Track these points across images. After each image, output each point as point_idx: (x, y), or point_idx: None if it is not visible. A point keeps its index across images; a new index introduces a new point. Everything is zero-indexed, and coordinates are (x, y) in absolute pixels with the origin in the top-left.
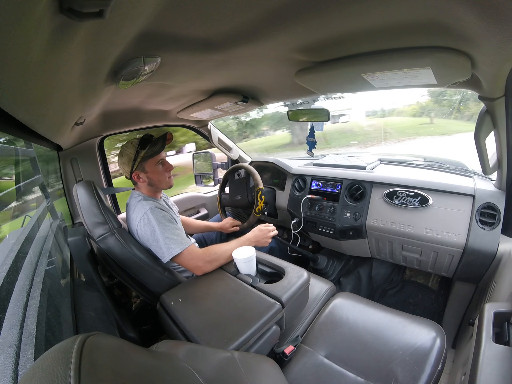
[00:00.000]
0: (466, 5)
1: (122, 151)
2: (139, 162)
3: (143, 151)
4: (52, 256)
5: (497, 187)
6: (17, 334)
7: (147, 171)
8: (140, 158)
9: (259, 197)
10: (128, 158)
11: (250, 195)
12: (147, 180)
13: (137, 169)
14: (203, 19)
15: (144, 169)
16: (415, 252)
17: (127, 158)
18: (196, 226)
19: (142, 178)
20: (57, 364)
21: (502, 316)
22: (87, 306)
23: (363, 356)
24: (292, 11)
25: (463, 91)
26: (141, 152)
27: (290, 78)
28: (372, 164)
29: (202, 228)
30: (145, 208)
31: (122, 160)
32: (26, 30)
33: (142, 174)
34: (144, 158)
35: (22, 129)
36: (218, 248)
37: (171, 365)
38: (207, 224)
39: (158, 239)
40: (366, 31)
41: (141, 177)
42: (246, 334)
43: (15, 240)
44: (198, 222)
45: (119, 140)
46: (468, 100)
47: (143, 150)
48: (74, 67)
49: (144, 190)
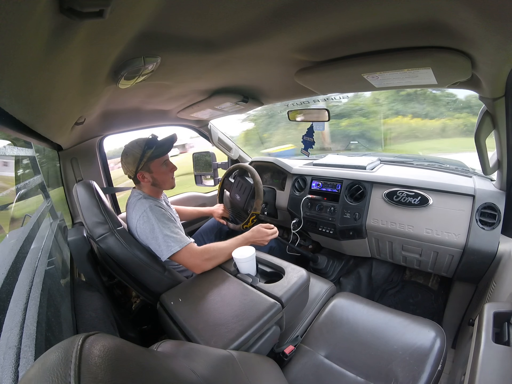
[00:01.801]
0: (466, 5)
1: (127, 150)
2: (145, 162)
3: (150, 151)
4: (52, 256)
5: (497, 187)
6: (17, 334)
7: (152, 171)
8: (147, 158)
9: (251, 220)
10: (133, 158)
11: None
12: (151, 180)
13: (142, 169)
14: (203, 19)
15: (150, 169)
16: (415, 252)
17: (133, 158)
18: (188, 213)
19: (146, 178)
20: (57, 364)
21: (502, 316)
22: (87, 306)
23: (363, 356)
24: (292, 11)
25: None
26: (147, 152)
27: (290, 78)
28: (372, 164)
29: (195, 214)
30: (145, 206)
31: (127, 160)
32: (26, 30)
33: (147, 174)
34: (150, 158)
35: (22, 129)
36: (217, 246)
37: (171, 365)
38: (199, 210)
39: (157, 237)
40: (366, 31)
41: (145, 177)
42: (246, 334)
43: (15, 240)
44: (190, 208)
45: None
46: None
47: (150, 150)
48: (74, 67)
49: (146, 189)
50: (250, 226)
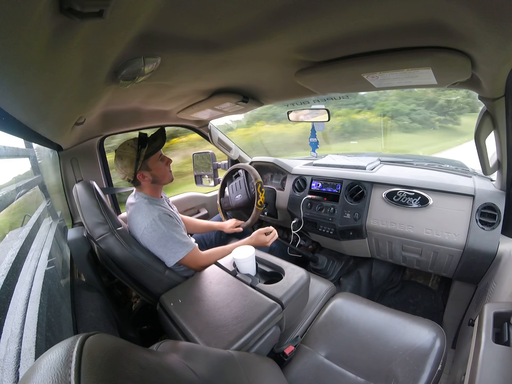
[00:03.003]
0: (466, 5)
1: (120, 154)
2: (142, 161)
3: (144, 149)
4: (52, 256)
5: (497, 187)
6: (18, 334)
7: (151, 168)
8: (143, 156)
9: (259, 189)
10: (130, 160)
11: (249, 192)
12: (151, 178)
13: (141, 168)
14: (203, 19)
15: (148, 167)
16: (415, 252)
17: (129, 160)
18: (198, 226)
19: (147, 177)
20: (57, 364)
21: (502, 316)
22: (87, 306)
23: (363, 356)
24: (292, 11)
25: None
26: (142, 151)
27: (290, 78)
28: (372, 164)
29: (204, 227)
30: (154, 214)
31: (123, 163)
32: (26, 30)
33: (146, 173)
34: (146, 156)
35: (22, 129)
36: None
37: (171, 365)
38: (209, 223)
39: (165, 245)
40: (366, 31)
41: (146, 176)
42: (246, 336)
43: (15, 240)
44: (199, 221)
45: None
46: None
47: (144, 148)
48: (74, 67)
49: (147, 190)
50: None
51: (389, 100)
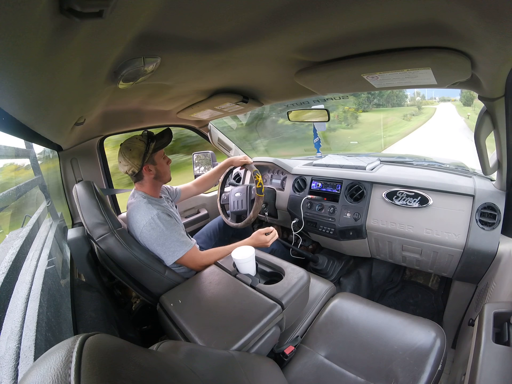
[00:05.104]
0: (466, 5)
1: (130, 145)
2: (150, 154)
3: (153, 143)
4: (52, 256)
5: (497, 187)
6: (17, 335)
7: (156, 163)
8: (151, 150)
9: (256, 175)
10: (138, 152)
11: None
12: (155, 172)
13: (148, 161)
14: (203, 19)
15: (154, 161)
16: (415, 252)
17: (138, 152)
18: (211, 177)
19: (152, 170)
20: (57, 364)
21: (502, 316)
22: (87, 306)
23: (363, 356)
24: (292, 11)
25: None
26: (151, 144)
27: (290, 79)
28: (372, 164)
29: (216, 174)
30: (152, 212)
31: (131, 154)
32: (26, 30)
33: (152, 167)
34: (154, 150)
35: (22, 129)
36: (219, 251)
37: (171, 365)
38: (218, 167)
39: (164, 244)
40: (366, 32)
41: (151, 170)
42: (247, 336)
43: (15, 240)
44: (209, 173)
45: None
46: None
47: (153, 143)
48: (74, 67)
49: (147, 187)
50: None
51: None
